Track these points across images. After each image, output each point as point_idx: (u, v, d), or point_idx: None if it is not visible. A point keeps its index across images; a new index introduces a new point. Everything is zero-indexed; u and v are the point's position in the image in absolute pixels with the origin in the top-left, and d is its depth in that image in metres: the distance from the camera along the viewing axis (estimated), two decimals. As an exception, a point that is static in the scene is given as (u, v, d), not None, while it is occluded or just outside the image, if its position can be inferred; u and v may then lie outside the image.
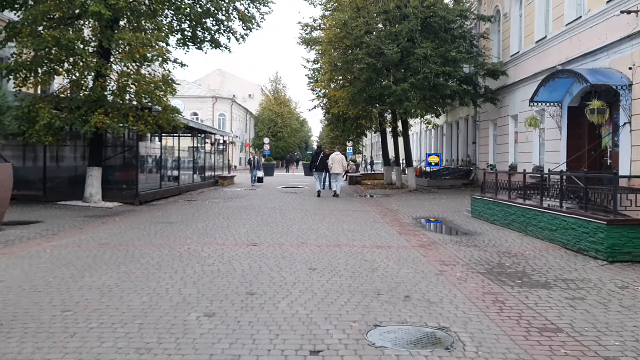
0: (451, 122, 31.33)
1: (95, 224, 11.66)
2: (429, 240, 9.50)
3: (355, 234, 10.22)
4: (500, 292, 5.96)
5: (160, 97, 16.21)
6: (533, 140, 19.27)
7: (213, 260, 7.41)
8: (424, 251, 8.40)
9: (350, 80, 23.68)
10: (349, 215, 13.61)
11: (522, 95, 20.27)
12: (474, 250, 8.63)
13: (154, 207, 15.63)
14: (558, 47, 17.33)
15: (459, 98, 21.58)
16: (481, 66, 21.35)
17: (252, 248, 8.44)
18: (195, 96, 59.74)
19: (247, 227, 11.00)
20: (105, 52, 15.70)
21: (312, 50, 29.21)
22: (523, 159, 20.08)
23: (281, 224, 11.53)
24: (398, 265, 7.22)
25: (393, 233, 10.43)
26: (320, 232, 10.32)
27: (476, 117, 25.73)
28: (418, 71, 20.04)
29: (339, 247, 8.68)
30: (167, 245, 8.74)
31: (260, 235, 9.93)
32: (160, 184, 18.92)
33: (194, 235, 9.75)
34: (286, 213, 13.96)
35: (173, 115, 16.53)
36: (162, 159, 19.47)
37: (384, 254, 8.11)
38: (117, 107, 15.32)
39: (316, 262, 7.38)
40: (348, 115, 25.70)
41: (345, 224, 11.73)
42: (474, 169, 25.90)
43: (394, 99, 19.94)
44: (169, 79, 16.06)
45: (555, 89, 16.20)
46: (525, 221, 10.17)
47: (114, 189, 16.80)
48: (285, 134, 68.99)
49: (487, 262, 7.68)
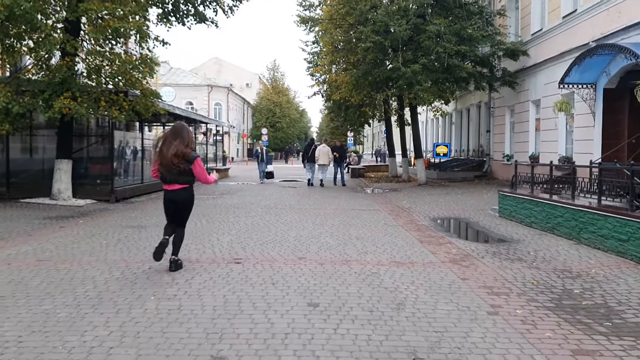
0: (461, 110, 29.22)
1: (51, 228, 9.65)
2: (460, 253, 7.50)
3: (366, 242, 8.20)
4: (596, 349, 3.96)
5: (138, 79, 14.16)
6: (559, 128, 17.22)
7: (177, 290, 5.39)
8: (459, 270, 6.40)
9: (353, 63, 21.56)
10: (355, 216, 11.60)
11: (545, 77, 18.21)
12: (522, 267, 6.64)
13: (131, 206, 13.61)
14: (591, 21, 15.26)
15: (475, 82, 19.47)
16: (499, 46, 19.21)
17: (234, 267, 6.43)
18: (190, 85, 57.61)
19: (232, 234, 8.98)
20: (74, 28, 13.63)
21: (312, 32, 27.19)
22: (546, 149, 18.04)
23: (275, 229, 9.52)
24: (432, 297, 5.22)
25: (412, 241, 8.42)
26: (323, 241, 8.30)
27: (490, 103, 23.63)
28: (430, 51, 17.95)
29: (347, 264, 6.67)
30: (125, 261, 6.74)
31: (247, 245, 7.91)
32: (142, 179, 16.88)
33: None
34: (282, 214, 11.94)
35: (153, 101, 14.46)
36: (144, 150, 17.39)
37: (408, 275, 6.11)
38: (87, 91, 13.28)
39: (318, 291, 5.37)
40: (350, 102, 23.63)
41: (353, 228, 9.72)
42: (487, 159, 23.85)
43: (403, 82, 17.87)
44: (147, 59, 13.98)
45: (588, 69, 14.16)
46: (579, 226, 8.16)
47: (87, 184, 14.79)
48: (284, 124, 66.96)
49: (548, 287, 5.69)
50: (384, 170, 31.27)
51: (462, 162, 26.42)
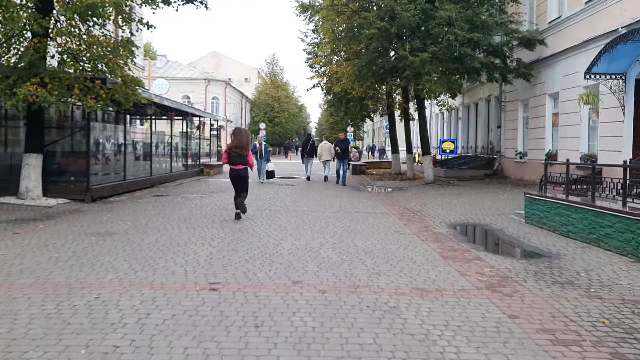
0: (468, 104, 27.69)
1: (2, 235, 8.15)
2: (495, 273, 6.01)
3: (377, 258, 6.70)
4: None
5: (118, 64, 12.64)
6: (581, 123, 15.73)
7: (120, 337, 3.88)
8: (502, 302, 4.90)
9: (356, 52, 20.03)
10: (360, 220, 10.08)
11: (565, 68, 16.72)
12: (579, 295, 5.15)
13: (107, 206, 12.11)
14: (619, 5, 13.82)
15: (487, 73, 17.94)
16: (514, 34, 17.67)
17: (208, 297, 4.92)
18: (186, 78, 56.01)
19: (214, 245, 7.47)
20: (46, 6, 12.09)
21: (311, 21, 25.63)
22: (565, 146, 16.56)
23: (266, 238, 8.01)
24: (478, 351, 3.72)
25: (433, 256, 6.93)
26: (323, 256, 6.79)
27: (501, 97, 22.12)
28: (440, 39, 16.43)
29: (355, 292, 5.16)
30: (68, 286, 5.23)
31: (229, 262, 6.41)
32: (124, 175, 15.33)
33: (125, 264, 6.21)
34: (276, 217, 10.43)
35: (134, 89, 12.92)
36: (126, 144, 15.84)
37: (439, 311, 4.61)
38: (59, 77, 11.76)
39: (318, 342, 3.86)
40: (352, 95, 22.12)
41: (359, 237, 8.22)
42: (498, 157, 22.34)
43: (411, 72, 16.34)
44: (126, 41, 12.46)
45: (616, 59, 12.74)
46: (637, 240, 6.67)
47: (60, 181, 13.26)
48: (282, 119, 65.45)
49: (627, 330, 4.21)
50: (386, 167, 29.77)
51: (470, 159, 24.93)
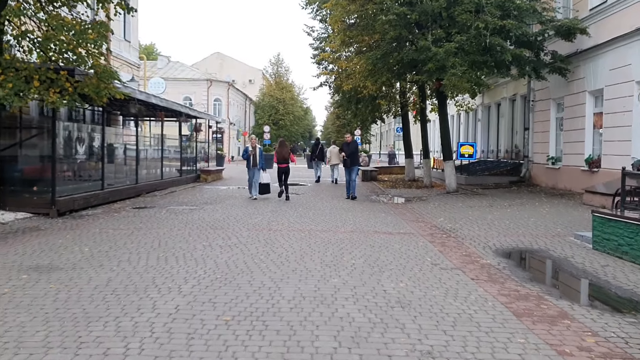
0: (489, 104, 25.46)
1: None
2: (609, 350, 3.85)
3: (421, 320, 4.50)
4: None
5: (90, 52, 10.57)
6: (632, 124, 13.52)
7: None
8: None
9: (369, 45, 17.90)
10: (383, 246, 7.90)
11: (610, 62, 14.54)
12: None
13: (73, 223, 10.00)
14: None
15: (519, 67, 15.73)
16: (550, 23, 15.48)
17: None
18: (188, 79, 54.01)
19: (185, 291, 5.30)
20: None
21: (318, 14, 23.56)
22: (612, 151, 14.35)
23: (259, 279, 5.83)
24: None
25: (500, 311, 4.75)
26: (341, 315, 4.61)
27: (529, 95, 19.89)
28: (467, 27, 14.28)
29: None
30: None
31: (197, 332, 4.22)
32: (102, 184, 13.23)
33: (38, 335, 4.06)
34: (276, 241, 8.25)
35: (108, 83, 10.80)
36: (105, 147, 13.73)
37: None
38: (14, 67, 9.71)
39: None
40: (362, 94, 19.97)
41: (386, 276, 6.03)
42: (526, 162, 20.09)
43: (434, 65, 14.19)
44: (98, 24, 10.37)
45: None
46: None
47: (21, 192, 11.19)
48: (287, 121, 63.43)
49: None
50: (397, 173, 27.57)
51: (492, 165, 22.70)
